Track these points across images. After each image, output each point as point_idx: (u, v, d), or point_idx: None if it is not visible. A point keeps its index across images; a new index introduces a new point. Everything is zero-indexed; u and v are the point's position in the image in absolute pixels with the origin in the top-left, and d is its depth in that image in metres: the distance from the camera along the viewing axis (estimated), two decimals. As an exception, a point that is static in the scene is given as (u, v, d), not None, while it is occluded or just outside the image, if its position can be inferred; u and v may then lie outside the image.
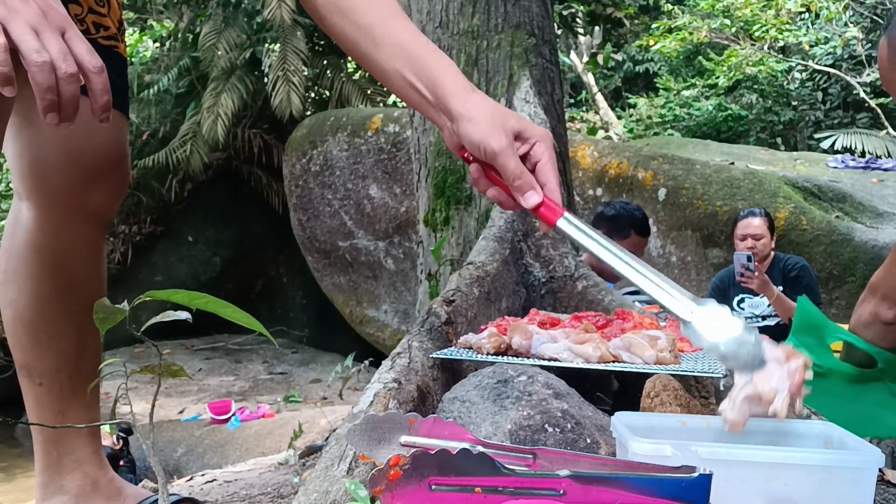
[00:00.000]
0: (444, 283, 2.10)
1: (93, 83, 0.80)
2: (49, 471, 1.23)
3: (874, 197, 5.28)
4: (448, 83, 0.93)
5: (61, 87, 0.76)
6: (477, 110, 0.91)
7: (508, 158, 0.88)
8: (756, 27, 10.08)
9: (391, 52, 0.95)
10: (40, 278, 1.17)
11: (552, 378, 1.09)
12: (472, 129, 0.90)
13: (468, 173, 2.36)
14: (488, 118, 0.90)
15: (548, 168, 0.90)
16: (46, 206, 1.16)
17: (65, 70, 0.76)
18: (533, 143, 0.91)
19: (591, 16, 5.93)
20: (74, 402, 1.21)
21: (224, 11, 8.65)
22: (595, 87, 11.69)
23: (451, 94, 0.92)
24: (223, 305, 0.84)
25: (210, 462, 4.97)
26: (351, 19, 0.97)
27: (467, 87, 0.93)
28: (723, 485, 0.68)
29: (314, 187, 7.45)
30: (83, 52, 0.79)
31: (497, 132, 0.89)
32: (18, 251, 1.18)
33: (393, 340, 6.51)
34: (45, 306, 1.18)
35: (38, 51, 0.75)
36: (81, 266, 1.20)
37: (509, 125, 0.90)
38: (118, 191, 1.23)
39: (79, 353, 1.20)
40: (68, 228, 1.17)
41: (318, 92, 9.55)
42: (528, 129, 0.91)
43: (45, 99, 0.76)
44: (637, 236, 2.80)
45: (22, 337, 1.19)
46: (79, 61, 0.78)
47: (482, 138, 0.89)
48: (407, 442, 0.77)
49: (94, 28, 1.10)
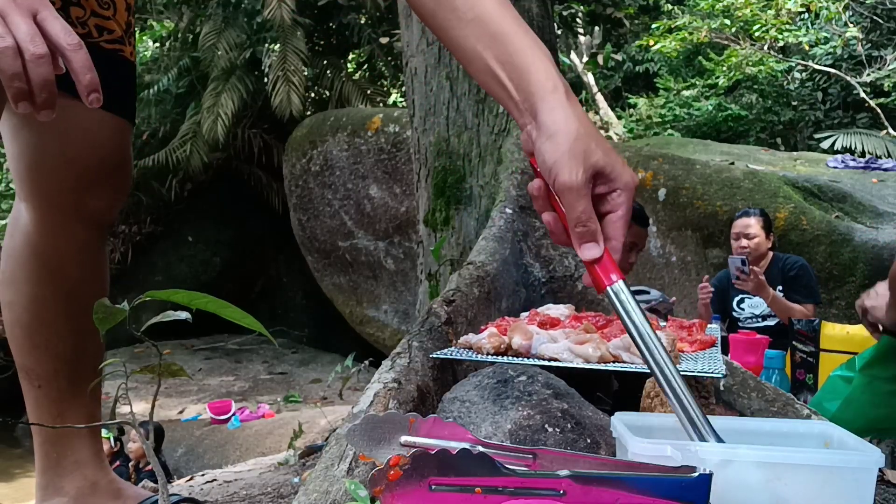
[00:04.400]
0: (444, 283, 2.10)
1: (72, 61, 0.72)
2: (49, 472, 1.22)
3: (874, 197, 5.27)
4: (536, 79, 0.78)
5: (30, 70, 0.70)
6: (562, 126, 0.76)
7: (578, 199, 0.73)
8: (756, 27, 10.07)
9: (472, 31, 0.81)
10: (38, 281, 1.16)
11: (552, 378, 1.09)
12: (548, 149, 0.75)
13: (468, 173, 2.34)
14: (570, 141, 0.74)
15: (620, 224, 0.76)
16: (43, 209, 1.15)
17: (32, 52, 0.70)
18: (614, 188, 0.76)
19: (591, 16, 5.93)
20: (74, 405, 1.20)
21: (224, 11, 8.66)
22: (595, 87, 11.69)
23: (539, 95, 0.78)
24: (223, 305, 0.84)
25: (210, 462, 4.97)
26: None
27: (559, 89, 0.78)
28: (723, 485, 0.68)
29: (314, 187, 7.45)
30: (58, 30, 0.72)
31: (576, 163, 0.74)
32: (17, 253, 1.17)
33: (393, 340, 6.51)
34: (43, 310, 1.17)
35: (1, 36, 0.69)
36: (79, 269, 1.19)
37: (592, 159, 0.74)
38: (118, 195, 1.20)
39: (77, 357, 1.19)
40: (66, 231, 1.15)
41: (318, 92, 9.56)
42: (614, 171, 0.75)
43: (13, 87, 0.70)
44: (637, 226, 2.82)
45: (20, 339, 1.19)
46: (54, 41, 0.72)
47: (555, 164, 0.74)
48: (407, 442, 0.77)
49: (96, 31, 1.08)
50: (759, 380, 1.47)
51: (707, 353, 1.31)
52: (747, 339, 2.76)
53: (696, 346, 1.35)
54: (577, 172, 0.73)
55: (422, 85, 2.34)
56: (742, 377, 1.46)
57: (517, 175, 2.00)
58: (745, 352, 2.66)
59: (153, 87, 8.82)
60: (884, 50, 10.29)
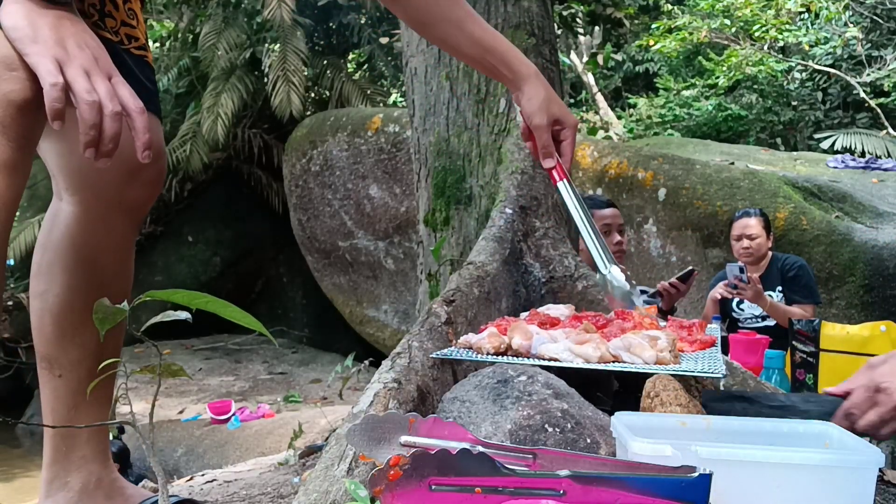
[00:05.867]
0: (444, 283, 2.10)
1: (136, 123, 0.91)
2: (56, 466, 1.25)
3: (874, 197, 5.27)
4: (520, 66, 1.35)
5: (105, 124, 0.87)
6: (535, 93, 1.34)
7: (543, 133, 1.34)
8: (756, 27, 10.07)
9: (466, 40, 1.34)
10: (73, 271, 1.21)
11: (552, 378, 1.09)
12: (527, 105, 1.35)
13: (468, 173, 2.34)
14: (541, 100, 1.34)
15: (568, 147, 1.38)
16: (88, 201, 1.21)
17: (111, 109, 0.87)
18: (565, 127, 1.37)
19: (591, 16, 5.92)
20: (89, 398, 1.23)
21: (224, 11, 8.65)
22: (595, 87, 11.69)
23: (523, 76, 1.35)
24: (223, 305, 0.84)
25: (210, 462, 4.97)
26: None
27: (533, 71, 1.36)
28: (723, 485, 0.68)
29: (314, 187, 7.45)
30: (126, 95, 0.91)
31: (542, 113, 1.33)
32: (55, 245, 1.22)
33: (393, 340, 6.51)
34: (74, 298, 1.21)
35: (88, 91, 0.86)
36: (114, 261, 1.25)
37: (552, 111, 1.34)
38: (155, 186, 1.28)
39: (99, 348, 1.22)
40: (107, 224, 1.22)
41: (318, 92, 9.56)
42: (564, 118, 1.36)
43: (89, 135, 0.86)
44: (598, 210, 2.86)
45: (48, 328, 1.23)
46: (123, 103, 0.90)
47: (531, 114, 1.34)
48: (407, 442, 0.77)
49: (126, 39, 1.16)
50: (759, 380, 1.47)
51: (707, 353, 1.31)
52: (747, 339, 2.76)
53: (696, 346, 1.35)
54: (544, 118, 1.34)
55: (422, 85, 2.33)
56: (742, 377, 1.46)
57: (517, 175, 2.00)
58: (745, 352, 2.66)
59: (153, 88, 8.80)
60: (884, 50, 10.30)
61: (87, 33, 0.93)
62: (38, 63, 0.87)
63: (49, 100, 0.85)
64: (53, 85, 0.85)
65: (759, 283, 3.32)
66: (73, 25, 0.92)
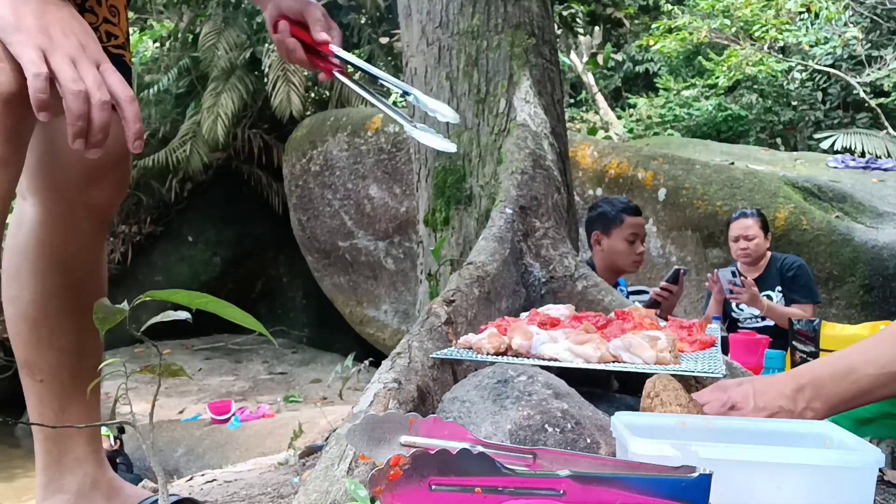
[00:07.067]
0: (444, 283, 2.10)
1: (126, 111, 0.87)
2: (50, 469, 1.23)
3: (874, 197, 5.27)
4: None
5: (93, 114, 0.83)
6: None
7: (315, 10, 1.23)
8: (756, 27, 10.07)
9: None
10: (44, 274, 1.19)
11: (552, 378, 1.09)
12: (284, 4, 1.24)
13: (468, 173, 2.34)
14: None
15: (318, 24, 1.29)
16: (53, 200, 1.18)
17: (99, 98, 0.83)
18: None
19: (591, 16, 5.93)
20: (75, 400, 1.22)
21: (224, 11, 8.65)
22: (595, 87, 11.68)
23: None
24: (223, 305, 0.84)
25: (210, 462, 4.96)
26: None
27: None
28: (723, 485, 0.68)
29: (314, 187, 7.45)
30: (116, 82, 0.87)
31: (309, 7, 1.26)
32: (22, 248, 1.20)
33: (393, 340, 6.51)
34: (48, 303, 1.19)
35: (74, 80, 0.82)
36: (84, 263, 1.22)
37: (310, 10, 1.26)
38: (119, 188, 1.25)
39: (79, 351, 1.21)
40: (72, 224, 1.19)
41: (318, 92, 9.55)
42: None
43: (76, 125, 0.82)
44: (630, 217, 2.84)
45: (24, 333, 1.21)
46: (112, 91, 0.85)
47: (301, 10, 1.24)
48: (407, 442, 0.77)
49: (105, 37, 1.14)
50: (759, 380, 1.46)
51: (707, 353, 1.31)
52: (747, 339, 2.76)
53: (696, 346, 1.35)
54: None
55: (422, 85, 2.33)
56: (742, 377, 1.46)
57: (517, 175, 2.00)
58: (745, 352, 2.66)
59: (153, 87, 8.80)
60: (884, 50, 10.29)
61: (75, 18, 0.89)
62: (21, 53, 0.83)
63: (33, 91, 0.81)
64: (37, 75, 0.82)
65: (754, 287, 3.32)
66: (59, 11, 0.88)
